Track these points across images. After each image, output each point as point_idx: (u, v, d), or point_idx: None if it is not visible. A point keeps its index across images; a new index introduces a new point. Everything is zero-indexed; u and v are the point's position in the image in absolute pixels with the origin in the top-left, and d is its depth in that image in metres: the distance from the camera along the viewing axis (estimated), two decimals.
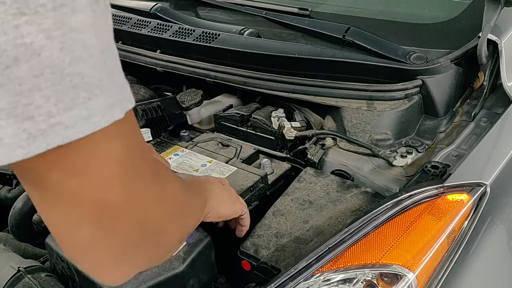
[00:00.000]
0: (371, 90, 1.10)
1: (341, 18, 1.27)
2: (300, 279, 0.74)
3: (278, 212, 0.94)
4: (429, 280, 0.75)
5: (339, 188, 0.98)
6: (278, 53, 1.19)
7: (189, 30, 1.33)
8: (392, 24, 1.22)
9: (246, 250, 0.89)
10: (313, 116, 1.20)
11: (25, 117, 0.32)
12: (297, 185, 1.00)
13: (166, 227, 0.50)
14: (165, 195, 0.49)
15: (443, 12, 1.20)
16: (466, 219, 0.81)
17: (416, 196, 0.83)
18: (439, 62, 1.06)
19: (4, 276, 0.89)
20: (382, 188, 0.99)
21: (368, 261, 0.75)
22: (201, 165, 1.03)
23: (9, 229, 1.02)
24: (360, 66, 1.11)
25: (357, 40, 1.15)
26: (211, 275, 0.94)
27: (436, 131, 1.09)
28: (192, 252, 0.89)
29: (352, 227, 0.79)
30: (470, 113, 1.10)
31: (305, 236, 0.89)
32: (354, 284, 0.74)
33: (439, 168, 0.91)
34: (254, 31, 1.30)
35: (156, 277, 0.86)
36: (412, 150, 1.05)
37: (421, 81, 1.07)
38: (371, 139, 1.08)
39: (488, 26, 1.00)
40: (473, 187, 0.85)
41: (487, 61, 1.06)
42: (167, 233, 0.50)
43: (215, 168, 1.01)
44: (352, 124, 1.10)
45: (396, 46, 1.12)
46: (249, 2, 1.40)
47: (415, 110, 1.09)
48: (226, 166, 1.02)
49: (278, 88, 1.19)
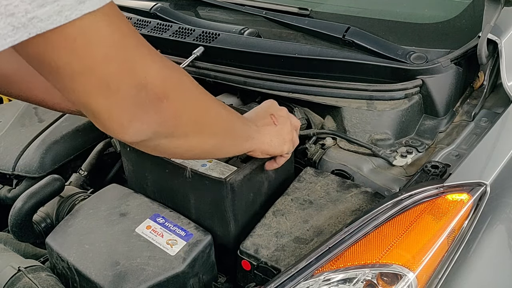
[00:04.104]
0: (371, 90, 1.10)
1: (341, 18, 1.27)
2: (300, 279, 0.74)
3: (278, 212, 0.94)
4: (429, 280, 0.75)
5: (339, 188, 0.98)
6: (278, 53, 1.19)
7: (189, 30, 1.33)
8: (392, 24, 1.22)
9: (246, 250, 0.89)
10: (313, 116, 1.20)
11: (8, 14, 0.43)
12: (297, 185, 1.00)
13: (175, 102, 0.61)
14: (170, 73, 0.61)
15: (443, 12, 1.20)
16: (466, 219, 0.81)
17: (416, 196, 0.83)
18: (439, 62, 1.06)
19: (4, 276, 0.89)
20: (382, 188, 0.99)
21: (368, 261, 0.75)
22: (201, 164, 1.03)
23: (9, 229, 1.02)
24: (360, 66, 1.11)
25: (357, 40, 1.15)
26: (211, 275, 0.94)
27: (436, 131, 1.09)
28: (192, 252, 0.90)
29: (352, 227, 0.79)
30: (470, 113, 1.10)
31: (305, 236, 0.89)
32: (354, 284, 0.74)
33: (439, 168, 0.91)
34: (254, 31, 1.30)
35: (156, 277, 0.86)
36: (412, 150, 1.05)
37: (421, 81, 1.07)
38: (371, 139, 1.08)
39: (488, 26, 1.00)
40: (473, 187, 0.85)
41: (487, 61, 1.06)
42: (174, 107, 0.61)
43: (215, 167, 1.01)
44: (352, 123, 1.10)
45: (396, 46, 1.12)
46: (249, 2, 1.40)
47: (415, 110, 1.09)
48: (226, 166, 1.02)
49: (278, 88, 1.19)
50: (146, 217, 0.97)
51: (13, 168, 1.20)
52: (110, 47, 0.51)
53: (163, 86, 0.58)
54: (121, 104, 0.55)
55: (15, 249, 1.08)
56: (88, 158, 1.28)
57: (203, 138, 0.71)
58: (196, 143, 0.70)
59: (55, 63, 0.50)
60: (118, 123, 0.57)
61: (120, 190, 1.08)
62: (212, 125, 0.72)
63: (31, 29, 0.45)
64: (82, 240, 0.95)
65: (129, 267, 0.87)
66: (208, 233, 0.93)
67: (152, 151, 0.68)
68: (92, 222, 0.99)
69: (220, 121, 0.74)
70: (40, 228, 1.08)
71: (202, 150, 0.74)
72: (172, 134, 0.64)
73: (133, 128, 0.58)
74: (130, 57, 0.54)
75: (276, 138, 0.88)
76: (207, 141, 0.73)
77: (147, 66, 0.56)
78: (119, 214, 1.00)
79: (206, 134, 0.72)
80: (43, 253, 1.09)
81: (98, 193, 1.08)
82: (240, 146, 0.82)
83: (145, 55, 0.57)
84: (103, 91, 0.53)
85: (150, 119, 0.59)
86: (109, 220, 0.98)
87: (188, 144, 0.69)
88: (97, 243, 0.93)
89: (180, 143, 0.67)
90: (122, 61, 0.53)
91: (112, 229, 0.96)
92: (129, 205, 1.02)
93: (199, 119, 0.68)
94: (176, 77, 0.63)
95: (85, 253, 0.92)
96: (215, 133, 0.74)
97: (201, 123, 0.69)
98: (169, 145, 0.66)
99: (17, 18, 0.44)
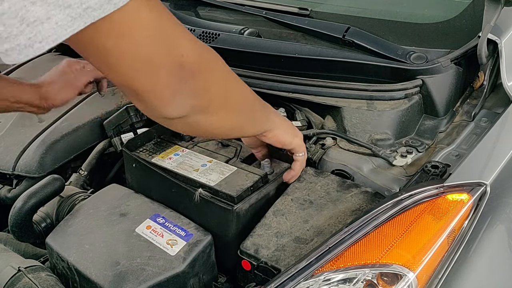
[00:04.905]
0: (371, 90, 1.10)
1: (341, 18, 1.27)
2: (300, 279, 0.74)
3: (278, 212, 0.94)
4: (429, 280, 0.75)
5: (339, 188, 0.98)
6: (278, 53, 1.19)
7: (189, 30, 1.33)
8: (392, 24, 1.22)
9: (246, 250, 0.89)
10: (314, 116, 1.20)
11: (66, 6, 0.47)
12: (297, 185, 1.00)
13: (206, 81, 0.67)
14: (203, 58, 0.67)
15: (443, 12, 1.20)
16: (466, 219, 0.81)
17: (416, 196, 0.83)
18: (439, 62, 1.06)
19: (4, 276, 0.89)
20: (382, 188, 0.99)
21: (368, 261, 0.75)
22: (201, 165, 1.03)
23: (9, 229, 1.02)
24: (360, 66, 1.11)
25: (357, 40, 1.15)
26: (211, 275, 0.94)
27: (436, 131, 1.09)
28: (192, 252, 0.90)
29: (352, 226, 0.79)
30: (470, 113, 1.10)
31: (305, 236, 0.89)
32: (354, 284, 0.74)
33: (439, 168, 0.91)
34: (254, 31, 1.30)
35: (156, 277, 0.86)
36: (412, 150, 1.05)
37: (421, 81, 1.07)
38: (371, 139, 1.08)
39: (488, 26, 1.00)
40: (473, 187, 0.85)
41: (487, 61, 1.06)
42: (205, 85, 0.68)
43: (215, 168, 1.01)
44: (352, 123, 1.10)
45: (396, 46, 1.12)
46: (249, 2, 1.40)
47: (415, 110, 1.09)
48: (226, 166, 1.02)
49: (278, 88, 1.19)
50: (146, 217, 0.97)
51: (13, 168, 1.20)
52: (151, 28, 0.56)
53: (198, 62, 0.64)
54: (164, 80, 0.61)
55: (15, 249, 1.08)
56: (88, 158, 1.28)
57: (232, 114, 0.79)
58: (226, 120, 0.77)
59: (103, 47, 0.54)
60: (161, 99, 0.62)
61: (120, 190, 1.08)
62: (239, 102, 0.80)
63: (86, 18, 0.49)
64: (82, 240, 0.95)
65: (129, 267, 0.87)
66: (208, 233, 0.93)
67: (189, 129, 0.77)
68: (92, 222, 0.99)
69: (245, 98, 0.82)
70: (40, 228, 1.08)
71: (231, 127, 0.82)
72: (207, 109, 0.71)
73: (175, 102, 0.64)
74: (169, 36, 0.60)
75: (289, 127, 0.94)
76: (236, 118, 0.81)
77: (183, 45, 0.62)
78: (119, 214, 1.00)
79: (235, 111, 0.79)
80: (43, 253, 1.09)
81: (98, 193, 1.08)
82: (260, 125, 0.88)
83: (180, 34, 0.62)
84: (147, 68, 0.58)
85: (189, 92, 0.65)
86: (109, 220, 0.98)
87: (220, 121, 0.76)
88: (97, 243, 0.93)
89: (213, 120, 0.74)
90: (162, 40, 0.58)
91: (112, 229, 0.96)
92: (129, 205, 1.02)
93: (228, 94, 0.75)
94: (207, 54, 0.69)
95: (85, 253, 0.92)
96: (242, 110, 0.81)
97: (230, 99, 0.76)
98: (204, 121, 0.72)
99: (73, 9, 0.47)
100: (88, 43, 0.54)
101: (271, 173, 1.03)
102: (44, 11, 0.46)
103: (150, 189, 1.06)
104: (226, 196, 0.93)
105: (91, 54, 0.57)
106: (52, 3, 0.46)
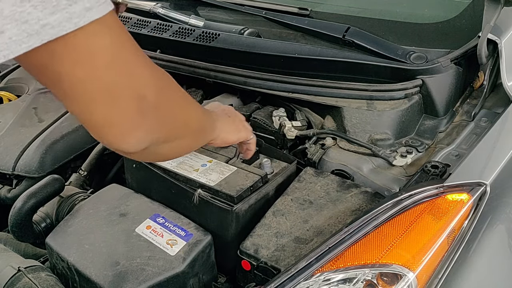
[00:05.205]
0: (371, 90, 1.10)
1: (341, 18, 1.27)
2: (300, 279, 0.74)
3: (278, 212, 0.94)
4: (429, 280, 0.75)
5: (339, 188, 0.98)
6: (278, 53, 1.19)
7: (189, 30, 1.33)
8: (392, 24, 1.22)
9: (246, 250, 0.89)
10: (313, 116, 1.20)
11: (22, 21, 0.45)
12: (297, 185, 1.00)
13: (163, 104, 0.62)
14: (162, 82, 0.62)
15: (443, 12, 1.20)
16: (466, 218, 0.81)
17: (416, 196, 0.83)
18: (439, 61, 1.06)
19: (4, 276, 0.89)
20: (382, 188, 0.99)
21: (368, 261, 0.75)
22: (201, 164, 1.03)
23: (9, 229, 1.02)
24: (360, 66, 1.11)
25: (357, 40, 1.15)
26: (211, 275, 0.94)
27: (436, 130, 1.09)
28: (192, 252, 0.90)
29: (352, 226, 0.79)
30: (470, 113, 1.10)
31: (305, 236, 0.89)
32: (354, 284, 0.74)
33: (439, 168, 0.91)
34: (254, 31, 1.30)
35: (156, 277, 0.86)
36: (412, 149, 1.05)
37: (421, 81, 1.07)
38: (371, 139, 1.08)
39: (488, 26, 1.00)
40: (473, 187, 0.85)
41: (487, 60, 1.06)
42: (165, 108, 0.62)
43: (215, 167, 1.01)
44: (352, 123, 1.10)
45: (396, 46, 1.12)
46: (249, 2, 1.40)
47: (415, 109, 1.09)
48: (226, 166, 1.02)
49: (278, 88, 1.19)
50: (146, 217, 0.97)
51: (13, 168, 1.20)
52: (111, 54, 0.52)
53: (160, 93, 0.60)
54: (123, 113, 0.56)
55: (15, 249, 1.08)
56: (88, 158, 1.28)
57: (191, 137, 0.77)
58: (184, 142, 0.75)
59: (58, 71, 0.50)
60: (119, 132, 0.57)
61: (120, 190, 1.08)
62: (195, 123, 0.77)
63: (43, 35, 0.46)
64: (82, 240, 0.95)
65: (129, 267, 0.87)
66: (208, 233, 0.93)
67: (147, 158, 0.72)
68: (92, 222, 0.99)
69: (199, 118, 0.79)
70: (40, 228, 1.08)
71: (190, 148, 0.82)
72: (168, 138, 0.67)
73: (135, 137, 0.58)
74: (129, 65, 0.55)
75: (231, 127, 0.93)
76: (193, 138, 0.79)
77: (145, 75, 0.57)
78: (119, 214, 1.00)
79: (193, 132, 0.77)
80: (43, 253, 1.09)
81: (98, 193, 1.08)
82: (209, 137, 0.86)
83: (141, 63, 0.58)
84: (104, 99, 0.54)
85: (150, 126, 0.59)
86: (109, 220, 0.98)
87: (179, 145, 0.73)
88: (97, 243, 0.93)
89: (173, 145, 0.70)
90: (122, 69, 0.54)
91: (112, 229, 0.96)
92: (129, 205, 1.02)
93: (187, 118, 0.72)
94: (167, 83, 0.65)
95: (85, 253, 0.92)
96: (197, 129, 0.79)
97: (189, 123, 0.74)
98: (164, 149, 0.68)
99: (30, 25, 0.45)
100: (42, 66, 0.51)
101: (271, 173, 1.03)
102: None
103: (150, 189, 1.06)
104: (226, 196, 0.93)
105: (45, 78, 0.53)
106: (8, 17, 0.44)
